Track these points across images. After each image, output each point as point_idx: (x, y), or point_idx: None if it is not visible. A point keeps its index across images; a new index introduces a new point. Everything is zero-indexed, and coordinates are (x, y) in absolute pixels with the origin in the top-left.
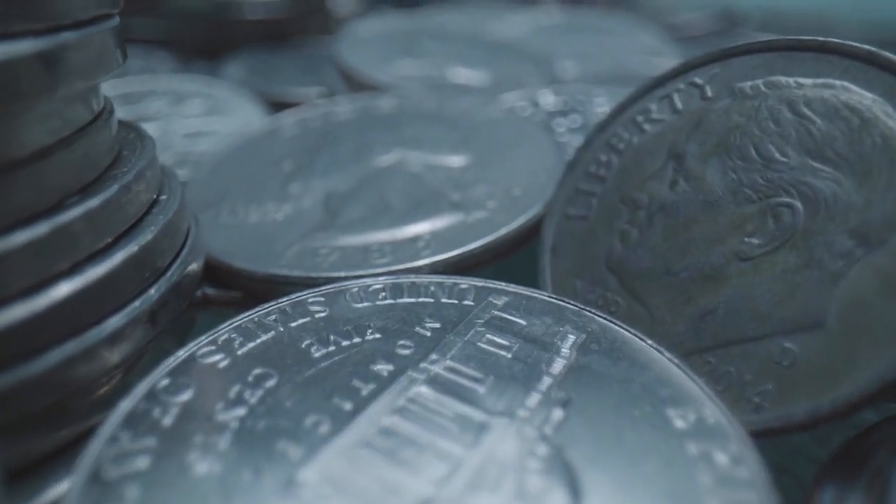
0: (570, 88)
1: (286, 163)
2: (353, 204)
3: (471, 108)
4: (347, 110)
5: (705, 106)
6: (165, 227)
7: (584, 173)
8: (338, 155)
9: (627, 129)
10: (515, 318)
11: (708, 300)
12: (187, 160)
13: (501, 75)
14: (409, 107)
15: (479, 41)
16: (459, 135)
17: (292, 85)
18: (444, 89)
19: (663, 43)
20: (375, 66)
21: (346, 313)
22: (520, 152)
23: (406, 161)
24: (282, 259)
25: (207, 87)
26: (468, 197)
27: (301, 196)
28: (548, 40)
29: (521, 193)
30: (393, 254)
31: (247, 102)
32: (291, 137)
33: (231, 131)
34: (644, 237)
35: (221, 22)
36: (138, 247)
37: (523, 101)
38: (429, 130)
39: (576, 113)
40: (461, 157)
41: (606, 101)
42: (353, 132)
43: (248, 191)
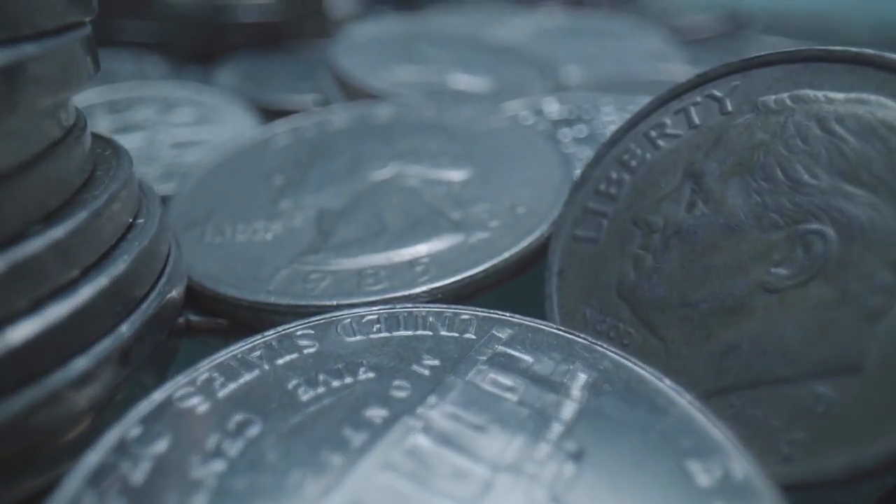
0: (576, 97)
1: (277, 177)
2: (346, 223)
3: (472, 118)
4: (342, 119)
5: (725, 121)
6: (141, 254)
7: (594, 192)
8: (331, 169)
9: (640, 145)
10: (521, 353)
11: (730, 335)
12: (175, 172)
13: (503, 82)
14: (406, 116)
15: (480, 45)
16: (460, 146)
17: (286, 92)
18: (443, 97)
19: (669, 46)
20: (372, 73)
21: (337, 348)
22: (524, 166)
23: (403, 175)
24: (270, 284)
25: (198, 95)
26: (469, 216)
27: (292, 214)
28: (550, 44)
29: (525, 212)
30: (389, 279)
31: (239, 110)
32: (284, 148)
33: (221, 141)
34: (659, 263)
35: (215, 25)
36: (109, 280)
37: (527, 110)
38: (427, 142)
39: (582, 123)
40: (462, 171)
41: (614, 110)
42: (347, 144)
43: (236, 208)
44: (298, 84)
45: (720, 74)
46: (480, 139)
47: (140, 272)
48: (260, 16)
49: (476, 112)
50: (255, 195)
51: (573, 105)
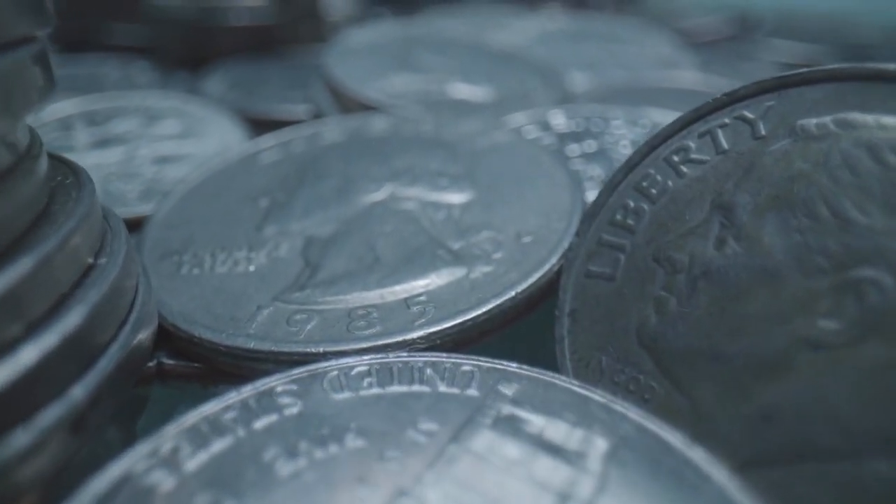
0: (584, 109)
1: (262, 199)
2: (335, 254)
3: (473, 132)
4: (334, 134)
5: (758, 147)
6: (101, 302)
7: (609, 222)
8: (320, 190)
9: (661, 171)
10: (530, 414)
11: (770, 397)
12: (155, 190)
13: (506, 91)
14: (403, 130)
15: (481, 51)
16: (460, 165)
17: (277, 102)
18: (442, 108)
19: (677, 50)
20: (366, 82)
21: (322, 408)
22: (530, 187)
23: (399, 198)
24: (250, 326)
25: (183, 105)
26: (471, 246)
27: (277, 242)
28: (554, 49)
29: (532, 241)
30: (381, 322)
31: (226, 122)
32: (271, 165)
33: (206, 156)
34: (685, 308)
35: (204, 29)
36: (60, 337)
37: (531, 123)
38: (425, 160)
39: (590, 137)
40: (462, 194)
41: (624, 123)
42: (339, 161)
43: (217, 234)
44: (290, 93)
45: (751, 93)
46: (482, 156)
47: (99, 323)
48: (251, 19)
49: (477, 126)
50: (238, 220)
51: (581, 118)
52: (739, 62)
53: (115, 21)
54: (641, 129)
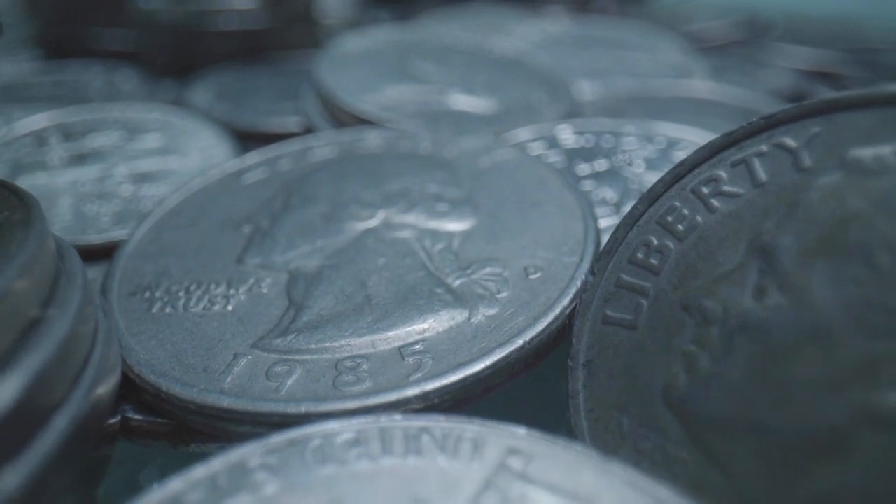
0: (594, 123)
1: (246, 225)
2: (322, 292)
3: (474, 150)
4: (324, 151)
5: (802, 180)
6: (48, 363)
7: (629, 260)
8: (307, 217)
9: (689, 204)
10: (543, 493)
11: (827, 480)
12: (132, 212)
13: (509, 103)
14: (398, 148)
15: (483, 59)
16: (461, 187)
17: (265, 113)
18: (441, 123)
19: (687, 57)
20: (359, 93)
21: (302, 486)
22: (537, 213)
23: (393, 226)
24: (225, 380)
25: (166, 117)
26: (473, 283)
27: (259, 277)
28: (559, 56)
29: (541, 278)
30: (372, 376)
31: (211, 136)
32: (256, 186)
33: (189, 172)
34: (719, 367)
35: (192, 34)
36: None
37: (537, 139)
38: (423, 181)
39: (601, 155)
40: (463, 221)
41: (637, 140)
42: (328, 183)
43: (195, 267)
44: (280, 104)
45: (793, 117)
46: (485, 177)
47: (44, 388)
48: (241, 23)
49: (479, 143)
50: (218, 250)
51: (590, 133)
52: (753, 69)
53: (100, 25)
54: (656, 147)
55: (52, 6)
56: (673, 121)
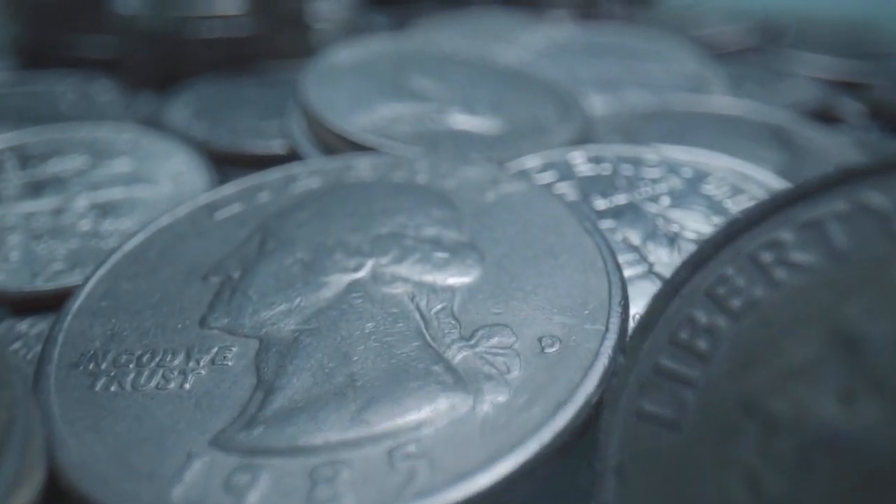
0: (611, 150)
1: (214, 276)
2: (298, 368)
3: (478, 181)
4: (307, 182)
5: None
6: None
7: (670, 340)
8: (284, 266)
9: (745, 274)
10: None
11: None
12: (90, 251)
13: (515, 122)
14: (392, 178)
15: (485, 71)
16: (463, 229)
17: (247, 134)
18: (440, 146)
19: (703, 67)
20: (348, 113)
21: None
22: (552, 263)
23: (383, 279)
24: (173, 491)
25: (138, 138)
26: (477, 358)
27: (225, 344)
28: (566, 66)
29: (559, 352)
30: (355, 489)
31: (186, 160)
32: (229, 223)
33: (156, 204)
34: (794, 491)
35: (172, 41)
36: None
37: (547, 168)
38: (419, 222)
39: (621, 188)
40: (466, 273)
41: (660, 170)
42: (310, 223)
43: (151, 329)
44: (264, 123)
45: (880, 169)
46: (490, 215)
47: None
48: (226, 30)
49: (483, 173)
50: (180, 307)
51: (607, 162)
52: (772, 79)
53: (78, 32)
54: (682, 178)
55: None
56: (695, 141)
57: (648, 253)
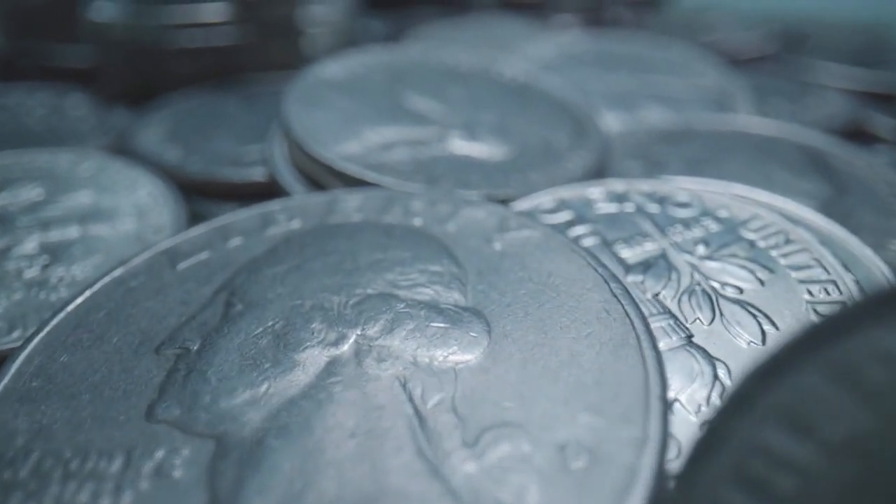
0: (634, 185)
1: (169, 347)
2: (261, 486)
3: (483, 226)
4: (285, 225)
5: None
6: None
7: (736, 475)
8: (253, 338)
9: (838, 393)
10: None
11: None
12: (33, 305)
13: (524, 148)
14: (383, 220)
15: (490, 88)
16: (465, 287)
17: (224, 161)
18: (440, 183)
19: (725, 79)
20: (336, 139)
21: None
22: (572, 337)
23: (369, 356)
24: None
25: (103, 165)
26: (483, 477)
27: (174, 446)
28: (577, 79)
29: (587, 468)
30: None
31: (154, 192)
32: (192, 274)
33: (116, 246)
34: None
35: (151, 52)
36: None
37: (562, 209)
38: (413, 279)
39: (647, 234)
40: (468, 350)
41: (694, 212)
42: (285, 279)
43: (86, 421)
44: (244, 148)
45: None
46: (496, 270)
47: None
48: (208, 40)
49: (489, 216)
50: (123, 391)
51: (630, 202)
52: (798, 92)
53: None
54: (718, 221)
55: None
56: (726, 169)
57: (685, 317)
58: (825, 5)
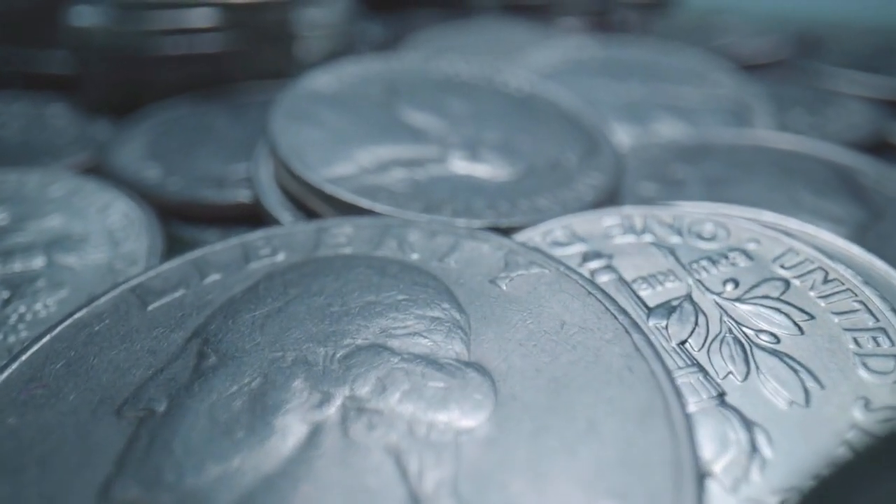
0: (654, 213)
1: (131, 409)
2: None
3: (486, 263)
4: (269, 261)
5: None
6: None
7: None
8: (225, 398)
9: None
10: None
11: None
12: None
13: (531, 168)
14: (376, 253)
15: (493, 100)
16: (467, 337)
17: (207, 181)
18: (440, 210)
19: (741, 88)
20: (326, 160)
21: None
22: (587, 402)
23: (357, 422)
24: None
25: (76, 187)
26: None
27: None
28: (584, 88)
29: None
30: None
31: (129, 218)
32: (164, 320)
33: (83, 282)
34: None
35: (134, 59)
36: None
37: (573, 239)
38: (409, 329)
39: (670, 272)
40: (470, 414)
41: (719, 244)
42: (265, 328)
43: (30, 499)
44: (229, 166)
45: None
46: (503, 319)
47: None
48: (193, 46)
49: (493, 252)
50: (76, 463)
51: (649, 232)
52: (819, 103)
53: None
54: (747, 256)
55: None
56: (750, 191)
57: (715, 370)
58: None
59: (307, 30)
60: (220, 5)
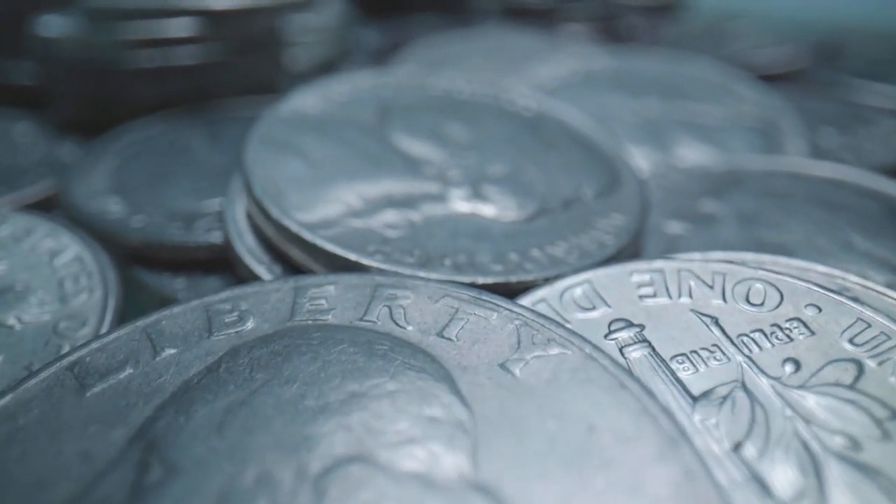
0: (692, 269)
1: None
2: None
3: (496, 343)
4: (235, 332)
5: None
6: None
7: None
8: (187, 493)
9: None
10: None
11: None
12: None
13: (542, 208)
14: (361, 332)
15: (498, 125)
16: (471, 444)
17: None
18: (439, 264)
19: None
20: (308, 197)
21: None
22: None
23: None
24: None
25: (24, 230)
26: None
27: None
28: (597, 107)
29: None
30: None
31: (83, 263)
32: (102, 412)
33: (22, 346)
34: None
35: (106, 73)
36: None
37: (596, 302)
38: (398, 427)
39: (714, 350)
40: None
41: (770, 310)
42: (223, 431)
43: None
44: (202, 202)
45: None
46: (517, 418)
47: None
48: (169, 59)
49: (503, 325)
50: None
51: (688, 293)
52: (849, 120)
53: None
54: (805, 325)
55: None
56: (791, 233)
57: (781, 489)
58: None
59: (297, 36)
60: (199, 13)
